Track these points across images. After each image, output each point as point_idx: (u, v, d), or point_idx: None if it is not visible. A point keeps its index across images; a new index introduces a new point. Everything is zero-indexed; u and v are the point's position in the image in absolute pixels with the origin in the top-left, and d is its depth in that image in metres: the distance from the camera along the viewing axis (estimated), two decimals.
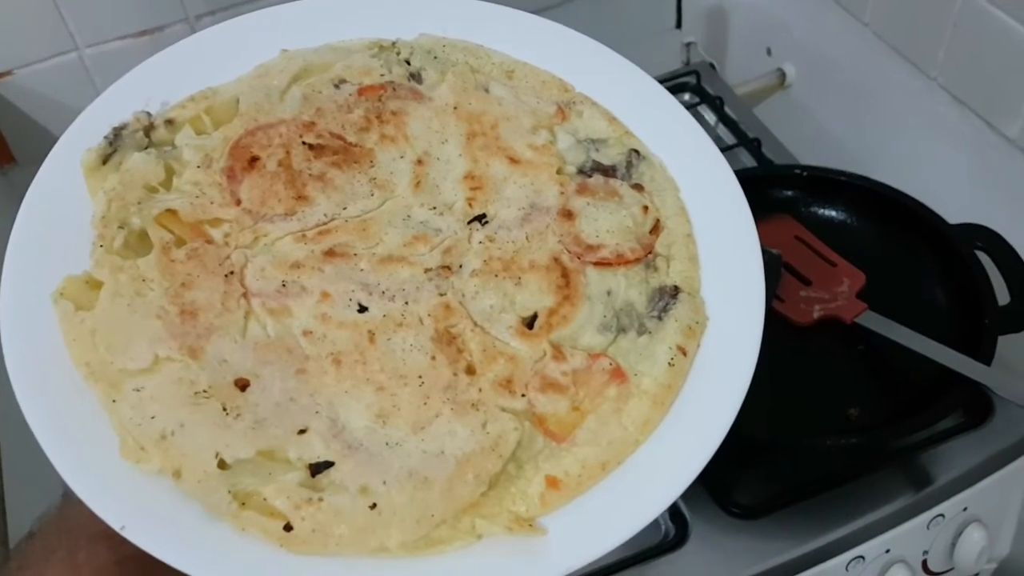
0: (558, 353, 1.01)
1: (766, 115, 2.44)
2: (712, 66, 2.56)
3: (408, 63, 1.21)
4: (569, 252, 1.08)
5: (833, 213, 1.92)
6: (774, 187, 1.93)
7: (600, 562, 0.89)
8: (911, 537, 1.67)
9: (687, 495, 0.94)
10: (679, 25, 2.57)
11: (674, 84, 2.41)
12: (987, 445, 1.70)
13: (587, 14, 1.22)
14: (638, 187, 1.14)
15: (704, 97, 2.40)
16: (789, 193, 1.93)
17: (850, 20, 2.14)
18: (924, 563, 1.73)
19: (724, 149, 1.20)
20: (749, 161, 2.20)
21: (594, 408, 0.99)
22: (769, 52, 2.49)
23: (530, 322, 1.03)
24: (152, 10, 1.93)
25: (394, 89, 1.18)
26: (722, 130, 2.32)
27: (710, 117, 2.35)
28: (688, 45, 2.61)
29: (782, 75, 2.46)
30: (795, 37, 2.41)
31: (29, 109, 1.95)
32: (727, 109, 2.35)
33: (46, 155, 1.05)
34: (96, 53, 1.94)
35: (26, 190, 1.03)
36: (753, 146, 2.23)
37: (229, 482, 0.91)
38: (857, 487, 1.64)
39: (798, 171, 1.97)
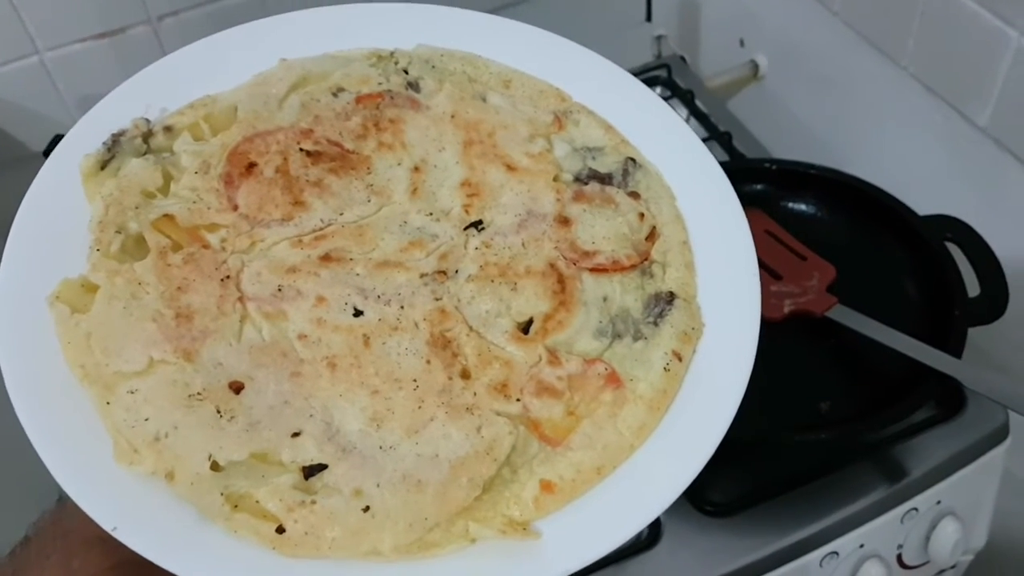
0: (554, 358, 1.00)
1: (740, 107, 2.44)
2: (683, 59, 2.55)
3: (406, 72, 1.21)
4: (565, 258, 1.07)
5: (803, 206, 1.93)
6: (744, 181, 1.89)
7: None
8: (885, 531, 1.67)
9: None
10: (649, 18, 2.56)
11: (645, 78, 2.38)
12: (960, 438, 1.72)
13: (557, 8, 1.23)
14: (634, 195, 1.13)
15: (675, 91, 2.39)
16: (759, 187, 1.94)
17: (821, 10, 2.13)
18: (899, 557, 1.74)
19: None
20: (721, 155, 2.19)
21: (589, 413, 0.98)
22: (742, 44, 2.49)
23: (526, 327, 1.03)
24: (113, 11, 1.91)
25: (392, 97, 1.18)
26: (693, 124, 2.29)
27: (681, 111, 2.33)
28: (659, 38, 2.60)
29: (755, 67, 2.45)
30: (767, 28, 2.40)
31: None
32: (698, 102, 2.35)
33: (9, 160, 1.05)
34: (57, 56, 1.90)
35: None
36: (724, 139, 2.23)
37: (222, 484, 0.90)
38: (830, 482, 1.65)
39: (767, 164, 1.98)
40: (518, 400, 0.98)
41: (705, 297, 1.09)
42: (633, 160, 1.17)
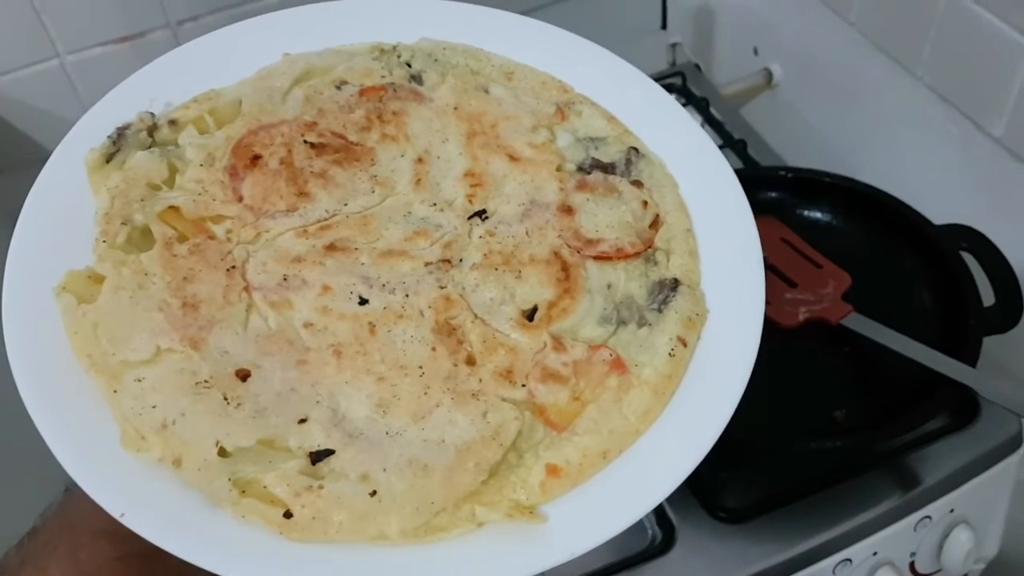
0: (558, 344, 1.02)
1: (753, 115, 2.44)
2: (697, 67, 2.56)
3: (409, 65, 1.23)
4: (569, 246, 1.09)
5: (818, 215, 1.93)
6: (759, 189, 1.92)
7: (586, 567, 0.90)
8: (898, 539, 1.67)
9: (673, 499, 0.96)
10: (664, 26, 2.56)
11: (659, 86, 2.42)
12: (973, 446, 1.71)
13: (572, 15, 1.24)
14: (637, 183, 1.15)
15: (690, 98, 2.40)
16: (774, 195, 1.94)
17: (836, 20, 2.14)
18: (911, 565, 1.74)
19: None
20: (735, 162, 2.18)
21: (595, 398, 1.00)
22: (756, 52, 2.49)
23: (530, 314, 1.04)
24: (133, 16, 1.93)
25: (395, 90, 1.20)
26: (708, 131, 2.25)
27: (696, 118, 2.27)
28: (674, 46, 2.59)
29: (769, 75, 2.45)
30: (782, 37, 2.41)
31: (10, 116, 1.94)
32: (712, 110, 2.36)
33: (28, 162, 1.07)
34: (78, 60, 1.93)
35: (8, 198, 1.05)
36: (739, 147, 2.23)
37: (229, 470, 0.91)
38: (844, 490, 1.65)
39: (783, 172, 1.98)
40: (523, 386, 1.00)
41: (709, 284, 1.10)
42: (636, 150, 1.19)
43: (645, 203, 1.14)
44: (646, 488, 0.95)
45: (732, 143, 2.26)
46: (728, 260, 1.12)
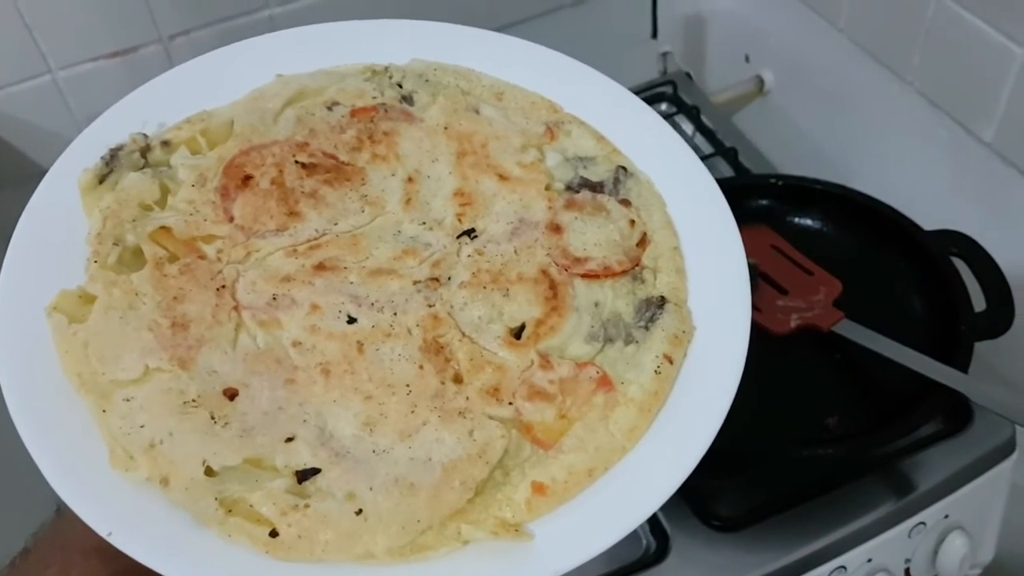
0: (545, 362, 1.01)
1: (745, 122, 2.44)
2: (688, 75, 2.54)
3: (400, 86, 1.22)
4: (557, 265, 1.08)
5: (809, 222, 1.92)
6: (750, 197, 1.93)
7: None
8: (893, 546, 1.66)
9: (667, 508, 0.95)
10: (655, 35, 2.55)
11: (651, 94, 2.40)
12: (967, 452, 1.70)
13: (564, 25, 1.23)
14: (625, 202, 1.14)
15: (681, 107, 2.39)
16: (765, 202, 1.94)
17: (825, 26, 2.14)
18: (907, 571, 1.72)
19: (701, 159, 1.22)
20: (727, 170, 2.20)
21: (581, 416, 0.99)
22: (747, 59, 2.49)
23: (518, 332, 1.04)
24: (125, 31, 1.92)
25: (386, 111, 1.19)
26: (699, 140, 2.30)
27: (687, 127, 2.34)
28: (664, 55, 2.58)
29: (760, 82, 2.45)
30: (772, 44, 2.40)
31: (2, 132, 1.94)
32: (704, 118, 2.34)
33: (21, 178, 1.06)
34: (69, 75, 1.92)
35: (1, 213, 1.05)
36: (730, 155, 2.22)
37: (216, 489, 0.91)
38: (837, 497, 1.64)
39: (774, 180, 1.97)
40: (510, 404, 0.99)
41: (696, 301, 1.09)
42: (624, 168, 1.18)
43: (633, 222, 1.13)
44: (631, 505, 0.95)
45: (723, 151, 2.25)
46: (715, 277, 1.11)
